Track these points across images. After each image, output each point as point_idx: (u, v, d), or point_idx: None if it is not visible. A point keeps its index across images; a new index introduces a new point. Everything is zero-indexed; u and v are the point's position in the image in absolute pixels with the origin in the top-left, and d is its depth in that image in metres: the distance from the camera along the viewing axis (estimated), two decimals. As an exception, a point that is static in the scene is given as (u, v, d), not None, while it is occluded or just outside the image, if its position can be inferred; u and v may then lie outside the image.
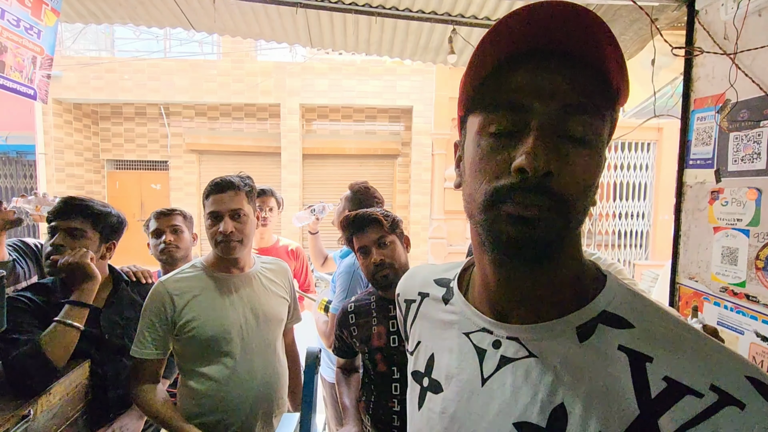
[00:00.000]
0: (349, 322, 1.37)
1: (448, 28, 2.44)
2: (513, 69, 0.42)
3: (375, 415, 1.31)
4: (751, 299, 1.15)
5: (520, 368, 0.46)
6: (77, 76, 7.40)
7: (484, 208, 0.43)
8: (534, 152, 0.39)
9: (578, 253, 0.47)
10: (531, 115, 0.41)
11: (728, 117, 1.22)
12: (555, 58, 0.41)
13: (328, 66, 7.67)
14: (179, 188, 8.28)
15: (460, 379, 0.51)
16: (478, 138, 0.44)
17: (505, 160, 0.41)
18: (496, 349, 0.49)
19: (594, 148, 0.42)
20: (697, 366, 0.38)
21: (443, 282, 0.61)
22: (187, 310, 1.22)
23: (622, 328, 0.43)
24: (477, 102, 0.45)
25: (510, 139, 0.42)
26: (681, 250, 1.40)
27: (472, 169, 0.45)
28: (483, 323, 0.51)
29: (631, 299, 0.46)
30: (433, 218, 7.52)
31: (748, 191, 1.16)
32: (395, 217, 1.37)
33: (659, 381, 0.38)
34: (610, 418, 0.39)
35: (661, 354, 0.40)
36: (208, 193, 1.28)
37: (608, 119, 0.43)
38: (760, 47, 1.12)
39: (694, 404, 0.36)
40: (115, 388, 1.34)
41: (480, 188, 0.43)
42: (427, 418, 0.54)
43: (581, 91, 0.40)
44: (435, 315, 0.59)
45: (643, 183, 6.96)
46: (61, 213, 1.30)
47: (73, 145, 7.78)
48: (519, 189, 0.40)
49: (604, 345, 0.42)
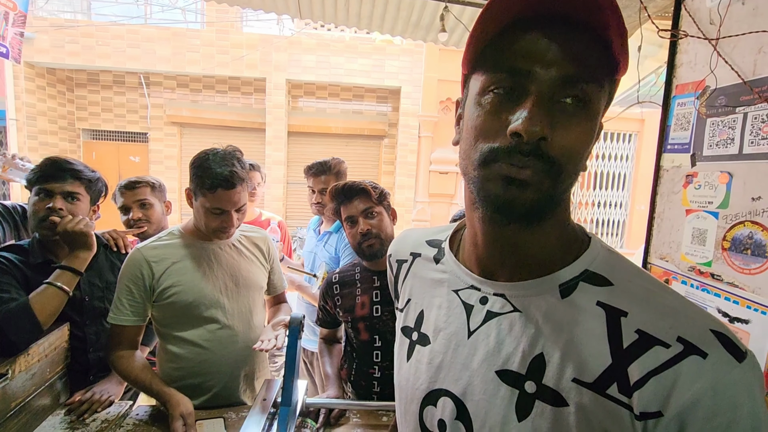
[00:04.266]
0: (334, 293, 1.39)
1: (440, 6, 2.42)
2: (517, 33, 0.42)
3: (356, 381, 1.35)
4: (715, 278, 1.22)
5: (505, 321, 0.48)
6: (51, 39, 7.04)
7: (478, 165, 0.44)
8: (530, 117, 0.40)
9: (566, 215, 0.49)
10: (530, 80, 0.41)
11: (707, 103, 1.26)
12: (558, 24, 0.41)
13: (316, 41, 7.50)
14: (159, 161, 8.07)
15: (448, 332, 0.53)
16: (479, 98, 0.45)
17: (503, 121, 0.42)
18: (483, 304, 0.51)
19: (589, 116, 0.43)
20: (667, 320, 0.41)
21: (435, 243, 0.63)
22: (165, 277, 1.21)
23: (602, 285, 0.46)
24: (481, 62, 0.46)
25: (509, 102, 0.43)
26: (654, 232, 1.46)
27: (470, 128, 0.46)
28: (471, 281, 0.53)
29: (611, 260, 0.48)
30: (417, 201, 7.56)
31: (720, 175, 1.21)
32: (383, 189, 1.38)
33: (632, 333, 0.41)
34: (584, 367, 0.42)
35: (635, 309, 0.43)
36: (215, 186, 1.17)
37: (606, 88, 0.44)
38: (740, 34, 1.15)
39: (662, 353, 0.39)
40: (96, 350, 1.35)
41: (476, 146, 0.45)
42: (415, 369, 0.56)
43: (581, 59, 0.41)
44: (426, 274, 0.61)
45: (622, 173, 7.12)
46: (54, 176, 1.27)
47: (47, 112, 7.45)
48: (513, 151, 0.41)
49: (583, 301, 0.45)
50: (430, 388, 0.53)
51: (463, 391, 0.50)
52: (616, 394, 0.40)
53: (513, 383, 0.46)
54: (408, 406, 0.57)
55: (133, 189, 1.65)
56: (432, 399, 0.53)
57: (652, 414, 0.38)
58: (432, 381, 0.53)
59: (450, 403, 0.51)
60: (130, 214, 1.64)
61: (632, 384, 0.39)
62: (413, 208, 7.68)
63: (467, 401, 0.49)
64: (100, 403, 1.25)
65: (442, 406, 0.52)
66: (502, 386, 0.47)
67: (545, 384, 0.44)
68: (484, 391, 0.48)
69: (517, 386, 0.46)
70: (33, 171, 1.29)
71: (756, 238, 1.10)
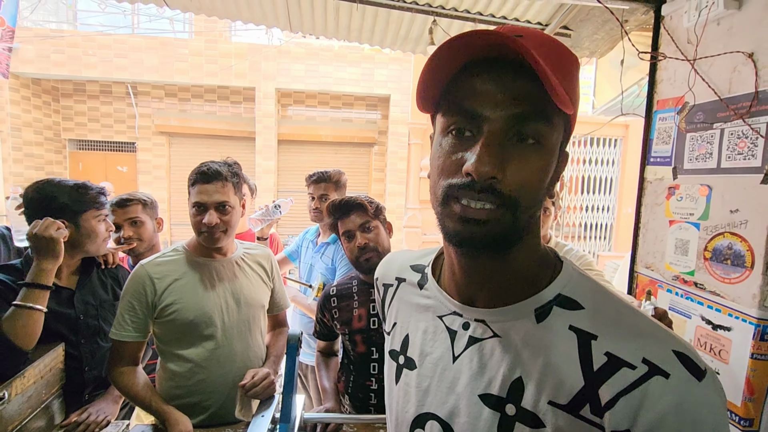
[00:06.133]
0: (331, 305, 1.41)
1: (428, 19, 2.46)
2: (467, 77, 0.45)
3: (353, 394, 1.36)
4: (698, 286, 1.26)
5: (486, 347, 0.51)
6: (36, 49, 6.98)
7: (440, 202, 0.47)
8: (479, 158, 0.43)
9: (535, 241, 0.52)
10: (481, 121, 0.44)
11: (686, 119, 1.32)
12: (500, 67, 0.44)
13: (304, 50, 7.53)
14: (147, 171, 8.00)
15: (434, 356, 0.56)
16: (440, 138, 0.48)
17: (459, 161, 0.45)
18: (465, 330, 0.54)
19: (542, 152, 0.45)
20: (634, 342, 0.44)
21: (418, 268, 0.65)
22: (167, 294, 1.22)
23: (574, 309, 0.48)
24: (441, 103, 0.49)
25: (465, 142, 0.46)
26: (640, 242, 1.51)
27: (433, 166, 0.49)
28: (453, 307, 0.56)
29: (583, 283, 0.51)
30: (408, 207, 7.60)
31: (700, 188, 1.26)
32: (379, 204, 1.42)
33: (601, 356, 0.44)
34: (559, 389, 0.45)
35: (604, 332, 0.45)
36: (194, 181, 1.24)
37: (558, 124, 0.46)
38: (716, 54, 1.21)
39: (629, 375, 0.42)
40: (91, 369, 1.34)
41: (438, 183, 0.48)
42: (404, 392, 0.59)
43: (524, 99, 0.43)
44: (411, 299, 0.64)
45: (609, 177, 7.25)
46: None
47: (32, 123, 7.36)
48: (468, 188, 0.44)
49: (557, 325, 0.48)
50: (418, 411, 0.56)
51: (449, 414, 0.52)
52: (588, 415, 0.43)
53: (495, 406, 0.49)
54: (399, 428, 0.60)
55: (125, 207, 1.65)
56: (420, 422, 0.56)
57: None
58: (420, 405, 0.56)
59: (437, 426, 0.53)
60: (121, 232, 1.63)
61: (603, 405, 0.42)
62: (404, 214, 7.72)
63: (453, 424, 0.52)
64: (96, 423, 1.24)
65: (430, 429, 0.54)
66: (484, 409, 0.49)
67: (524, 407, 0.47)
68: (469, 414, 0.50)
69: (499, 409, 0.48)
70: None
71: (735, 249, 1.15)
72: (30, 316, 1.11)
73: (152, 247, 1.71)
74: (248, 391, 1.18)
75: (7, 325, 1.08)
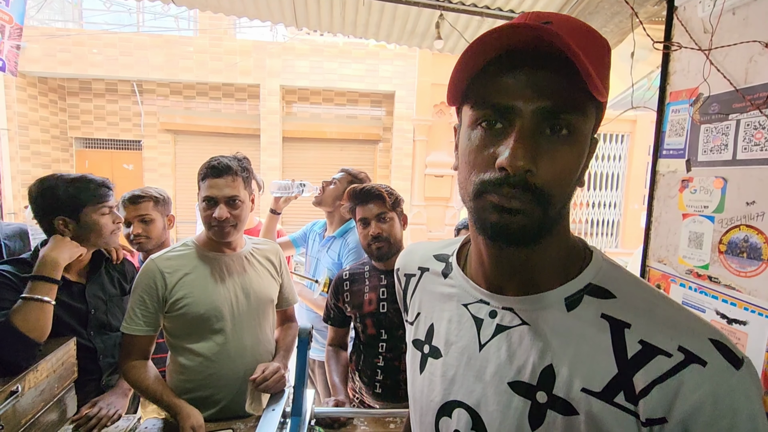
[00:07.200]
0: (344, 289, 1.47)
1: (435, 14, 2.45)
2: (498, 69, 0.44)
3: (362, 371, 1.44)
4: (713, 280, 1.25)
5: (515, 335, 0.50)
6: (42, 48, 7.00)
7: (473, 197, 0.47)
8: (513, 152, 0.42)
9: (565, 232, 0.52)
10: (514, 115, 0.43)
11: (700, 110, 1.29)
12: (534, 59, 0.43)
13: (309, 47, 7.51)
14: (153, 169, 8.03)
15: (459, 345, 0.55)
16: (469, 131, 0.48)
17: (492, 155, 0.45)
18: (493, 318, 0.53)
19: (575, 143, 0.45)
20: (668, 330, 0.43)
21: (442, 257, 0.65)
22: (178, 288, 1.22)
23: (606, 298, 0.48)
24: (469, 96, 0.48)
25: (496, 136, 0.45)
26: (652, 235, 1.49)
27: (464, 160, 0.49)
28: (480, 295, 0.55)
29: (614, 272, 0.50)
30: (413, 204, 7.59)
31: (714, 180, 1.24)
32: (398, 196, 1.45)
33: (635, 344, 0.44)
34: (591, 377, 0.44)
35: (637, 320, 0.45)
36: (205, 175, 1.25)
37: (591, 114, 0.46)
38: (732, 44, 1.18)
39: (664, 363, 0.41)
40: (105, 356, 1.36)
41: (469, 179, 0.47)
42: (429, 381, 0.58)
43: (559, 91, 0.43)
44: (435, 288, 0.63)
45: (615, 173, 7.20)
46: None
47: (39, 121, 7.40)
48: (502, 183, 0.44)
49: (588, 314, 0.47)
50: (445, 399, 0.55)
51: (477, 402, 0.52)
52: (623, 402, 0.43)
53: (525, 394, 0.48)
54: (423, 417, 0.59)
55: (136, 204, 1.64)
56: (447, 410, 0.55)
57: (657, 420, 0.41)
58: (446, 393, 0.55)
59: (465, 414, 0.53)
60: (131, 228, 1.64)
61: (638, 392, 0.42)
62: (409, 211, 7.71)
63: (482, 412, 0.51)
64: (108, 417, 1.25)
65: (457, 418, 0.53)
66: (514, 397, 0.49)
67: (556, 394, 0.46)
68: (498, 402, 0.50)
69: (529, 397, 0.48)
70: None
71: (751, 242, 1.13)
72: (40, 308, 1.12)
73: (161, 245, 1.70)
74: (259, 386, 1.19)
75: (17, 318, 1.09)
